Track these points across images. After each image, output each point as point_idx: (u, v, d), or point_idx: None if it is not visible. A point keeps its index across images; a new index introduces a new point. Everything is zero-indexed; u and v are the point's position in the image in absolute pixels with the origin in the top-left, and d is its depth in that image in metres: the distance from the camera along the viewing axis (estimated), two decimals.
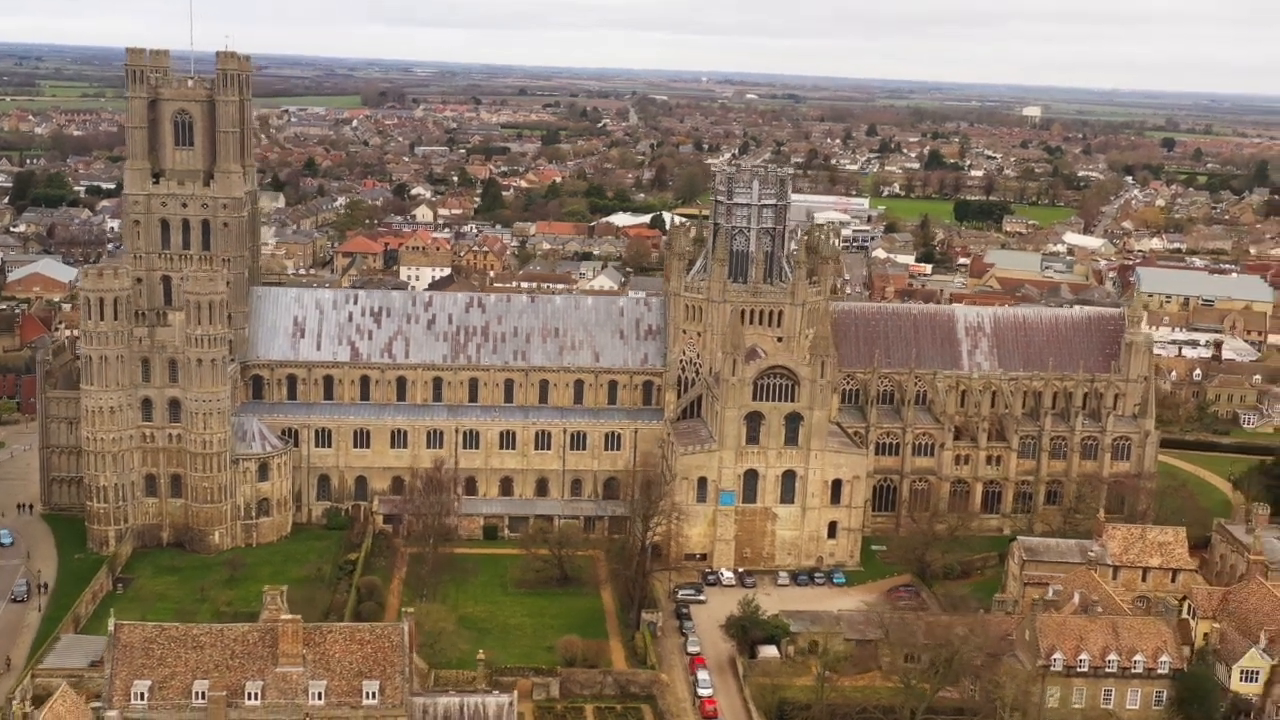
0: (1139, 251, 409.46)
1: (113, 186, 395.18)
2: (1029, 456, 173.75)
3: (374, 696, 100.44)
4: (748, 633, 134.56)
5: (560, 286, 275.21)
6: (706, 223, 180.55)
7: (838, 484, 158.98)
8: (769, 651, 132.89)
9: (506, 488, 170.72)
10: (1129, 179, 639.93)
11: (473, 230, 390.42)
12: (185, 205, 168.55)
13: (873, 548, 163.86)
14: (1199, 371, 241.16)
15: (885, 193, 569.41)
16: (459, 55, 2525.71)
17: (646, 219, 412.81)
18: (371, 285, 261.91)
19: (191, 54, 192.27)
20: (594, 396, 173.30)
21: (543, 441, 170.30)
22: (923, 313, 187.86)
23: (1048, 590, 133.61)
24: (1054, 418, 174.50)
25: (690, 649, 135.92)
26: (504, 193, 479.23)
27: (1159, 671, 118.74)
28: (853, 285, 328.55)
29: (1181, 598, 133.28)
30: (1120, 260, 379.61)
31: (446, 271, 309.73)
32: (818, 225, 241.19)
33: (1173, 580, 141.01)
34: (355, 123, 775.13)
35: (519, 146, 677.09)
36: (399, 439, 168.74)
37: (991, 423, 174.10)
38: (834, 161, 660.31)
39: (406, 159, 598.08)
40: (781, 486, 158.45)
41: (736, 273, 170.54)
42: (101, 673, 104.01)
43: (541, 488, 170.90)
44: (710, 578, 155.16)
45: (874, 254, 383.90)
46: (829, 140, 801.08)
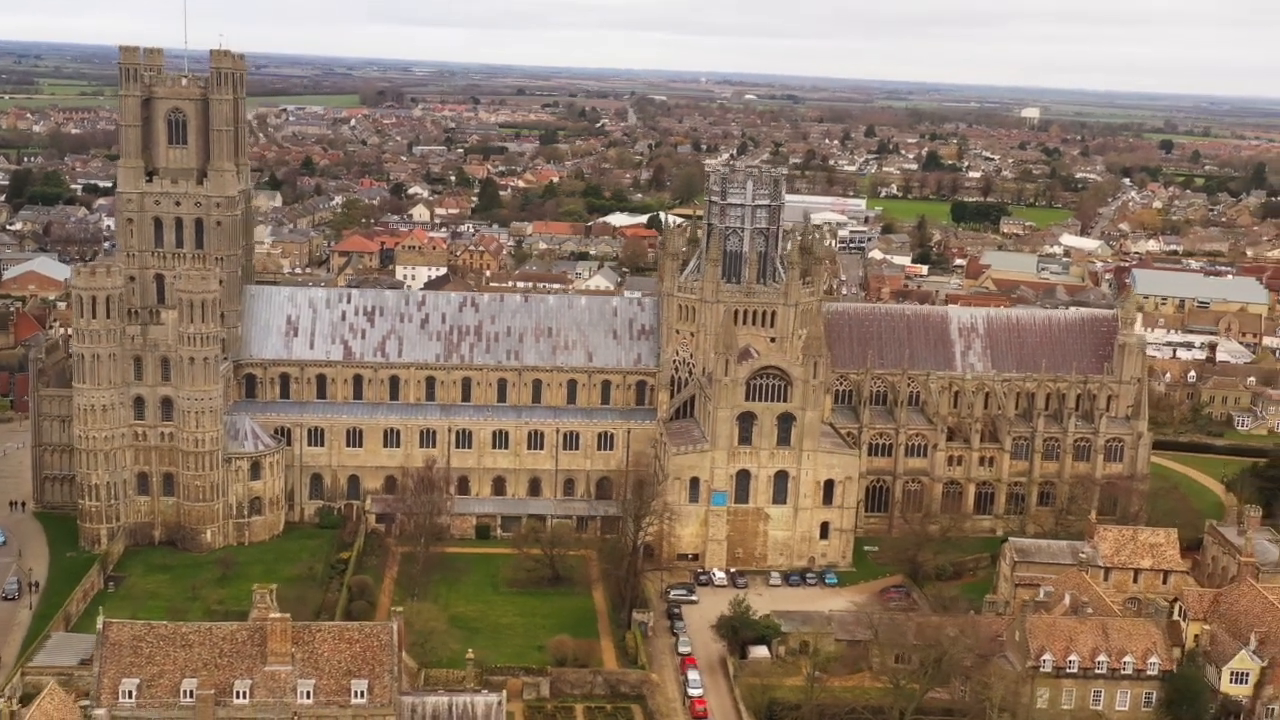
0: (1135, 253, 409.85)
1: (109, 185, 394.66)
2: (1022, 458, 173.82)
3: (362, 696, 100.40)
4: (738, 633, 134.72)
5: (556, 286, 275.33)
6: (701, 223, 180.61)
7: (830, 484, 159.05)
8: (760, 652, 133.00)
9: (499, 487, 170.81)
10: (1127, 181, 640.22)
11: (469, 230, 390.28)
12: (178, 203, 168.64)
13: (865, 548, 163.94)
14: (1193, 373, 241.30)
15: (883, 194, 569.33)
16: (458, 55, 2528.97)
17: (644, 219, 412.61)
18: (367, 284, 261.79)
19: (186, 53, 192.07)
20: (587, 396, 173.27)
21: (535, 441, 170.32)
22: (916, 313, 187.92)
23: (1039, 591, 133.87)
24: (1047, 419, 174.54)
25: (681, 649, 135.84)
26: (501, 192, 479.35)
27: (1148, 673, 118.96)
28: (849, 286, 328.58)
29: (1172, 599, 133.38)
30: (1116, 262, 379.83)
31: (442, 271, 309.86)
32: (815, 226, 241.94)
33: (1164, 582, 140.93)
34: (353, 122, 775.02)
35: (517, 146, 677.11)
36: (392, 438, 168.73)
37: (984, 424, 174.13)
38: (832, 162, 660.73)
39: (404, 158, 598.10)
40: (774, 487, 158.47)
41: (730, 273, 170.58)
42: (91, 671, 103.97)
43: (534, 487, 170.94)
44: (702, 578, 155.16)
45: (870, 255, 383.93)
46: (827, 141, 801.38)
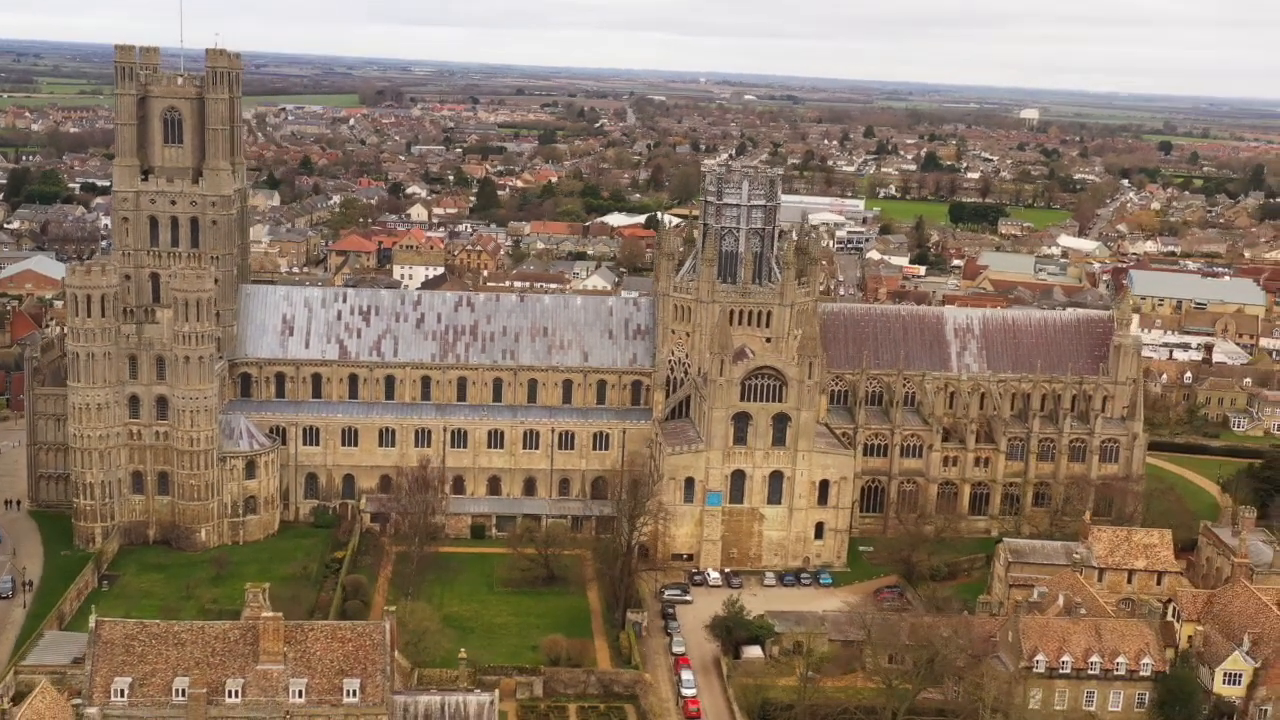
0: (1133, 254, 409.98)
1: (107, 184, 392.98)
2: (1017, 458, 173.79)
3: (355, 695, 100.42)
4: (732, 633, 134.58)
5: (553, 286, 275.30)
6: (697, 223, 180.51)
7: (825, 485, 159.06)
8: (753, 652, 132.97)
9: (494, 487, 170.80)
10: (1125, 182, 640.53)
11: (467, 229, 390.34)
12: (174, 202, 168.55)
13: (860, 549, 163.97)
14: (1189, 374, 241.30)
15: (881, 194, 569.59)
16: (458, 55, 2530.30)
17: (641, 219, 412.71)
18: (364, 284, 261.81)
19: (183, 52, 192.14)
20: (582, 396, 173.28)
21: (531, 441, 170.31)
22: (912, 314, 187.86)
23: (1033, 592, 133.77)
24: (1042, 420, 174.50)
25: (675, 649, 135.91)
26: (499, 192, 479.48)
27: (1141, 674, 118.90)
28: (846, 286, 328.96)
29: (1166, 600, 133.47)
30: (1114, 263, 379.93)
31: (440, 270, 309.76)
32: (812, 226, 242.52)
33: (1158, 583, 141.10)
34: (352, 121, 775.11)
35: (516, 146, 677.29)
36: (387, 437, 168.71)
37: (980, 424, 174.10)
38: (830, 163, 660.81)
39: (403, 158, 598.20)
40: (769, 487, 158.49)
41: (725, 273, 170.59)
42: (84, 669, 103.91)
43: (529, 487, 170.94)
44: (697, 578, 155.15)
45: (868, 255, 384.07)
46: (826, 142, 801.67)
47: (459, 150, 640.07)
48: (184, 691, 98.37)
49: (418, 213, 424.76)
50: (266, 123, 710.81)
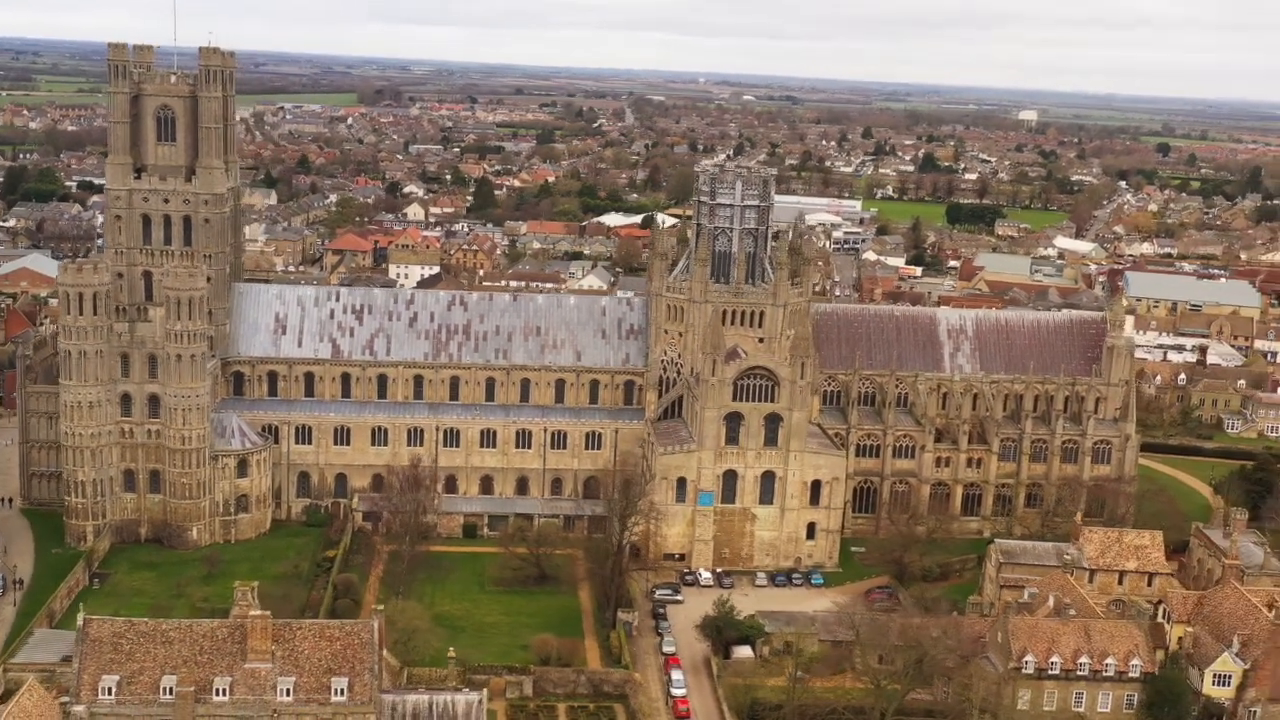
0: (1129, 256, 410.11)
1: (104, 182, 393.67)
2: (1009, 459, 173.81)
3: (342, 693, 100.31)
4: (722, 633, 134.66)
5: (549, 286, 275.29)
6: (691, 223, 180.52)
7: (817, 485, 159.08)
8: (743, 652, 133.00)
9: (487, 486, 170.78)
10: (1123, 184, 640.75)
11: (463, 229, 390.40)
12: (167, 201, 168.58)
13: (852, 549, 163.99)
14: (1183, 376, 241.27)
15: (879, 195, 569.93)
16: (457, 54, 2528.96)
17: (638, 219, 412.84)
18: (359, 283, 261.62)
19: (178, 50, 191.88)
20: (575, 396, 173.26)
21: (523, 440, 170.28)
22: (905, 315, 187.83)
23: (1023, 593, 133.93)
24: (1035, 421, 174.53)
25: (665, 649, 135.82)
26: (496, 192, 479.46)
27: (1130, 675, 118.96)
28: (842, 287, 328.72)
29: (1157, 601, 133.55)
30: (1110, 264, 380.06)
31: (435, 270, 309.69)
32: (809, 227, 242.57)
33: (1149, 584, 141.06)
34: (350, 120, 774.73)
35: (514, 146, 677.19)
36: (379, 436, 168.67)
37: (972, 425, 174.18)
38: (828, 163, 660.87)
39: (400, 157, 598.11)
40: (761, 487, 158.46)
41: (719, 273, 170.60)
42: (72, 667, 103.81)
43: (522, 486, 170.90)
44: (688, 578, 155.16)
45: (864, 256, 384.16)
46: (824, 142, 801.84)
47: (457, 150, 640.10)
48: (172, 690, 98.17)
49: (414, 212, 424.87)
50: (264, 121, 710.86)
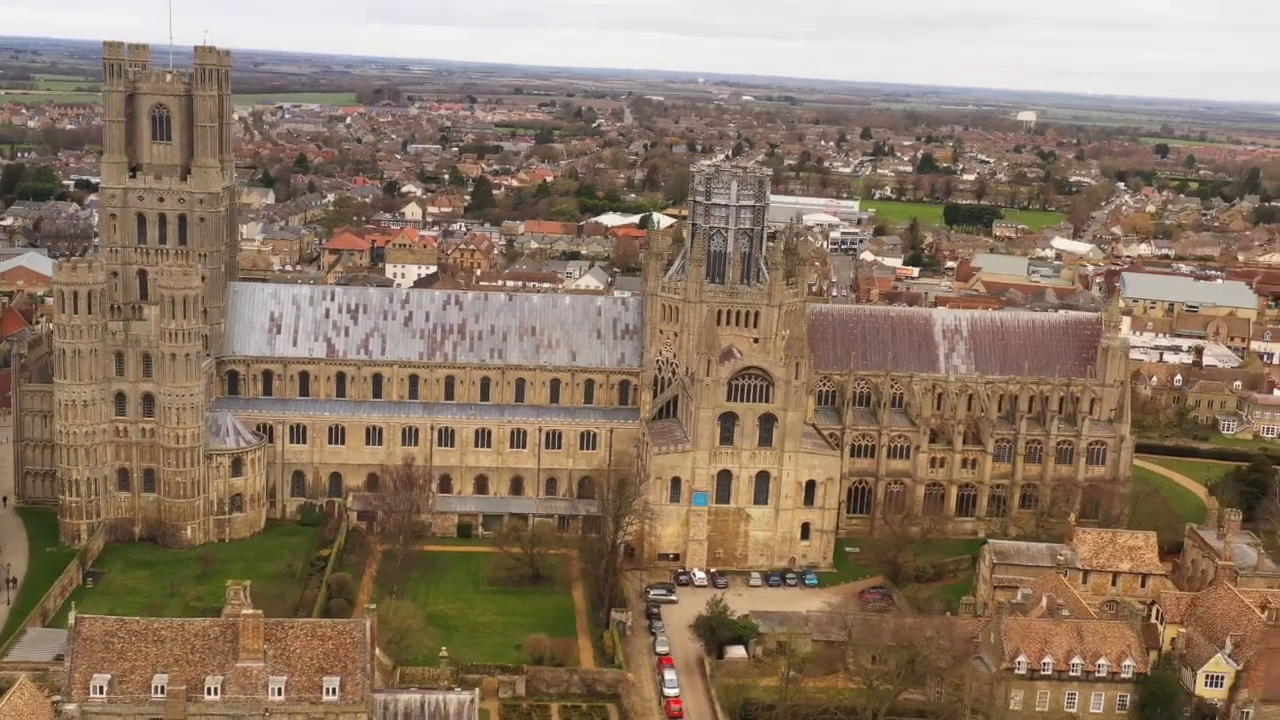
0: (1127, 257, 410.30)
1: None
2: (1004, 460, 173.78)
3: (334, 693, 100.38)
4: (716, 633, 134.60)
5: (546, 286, 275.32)
6: (686, 223, 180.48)
7: (811, 485, 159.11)
8: (737, 652, 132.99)
9: (481, 486, 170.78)
10: (1121, 185, 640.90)
11: (461, 228, 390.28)
12: (162, 199, 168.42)
13: (846, 549, 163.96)
14: (1179, 377, 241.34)
15: (877, 195, 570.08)
16: (457, 54, 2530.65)
17: (636, 219, 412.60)
18: (356, 282, 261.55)
19: (173, 49, 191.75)
20: (570, 395, 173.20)
21: (518, 440, 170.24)
22: (900, 315, 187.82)
23: (1017, 594, 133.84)
24: (1030, 421, 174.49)
25: (659, 649, 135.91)
26: (495, 191, 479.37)
27: (1123, 675, 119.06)
28: (840, 287, 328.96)
29: (1150, 602, 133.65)
30: (1107, 265, 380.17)
31: (433, 269, 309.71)
32: (805, 227, 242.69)
33: (1142, 585, 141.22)
34: (349, 120, 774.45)
35: (512, 145, 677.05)
36: (374, 436, 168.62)
37: (967, 426, 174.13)
38: (827, 164, 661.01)
39: (399, 156, 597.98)
40: (755, 487, 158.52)
41: (714, 273, 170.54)
42: (64, 666, 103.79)
43: (516, 486, 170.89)
44: (682, 578, 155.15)
45: (862, 256, 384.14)
46: (823, 143, 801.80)
47: (455, 149, 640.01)
48: (163, 688, 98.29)
49: (412, 211, 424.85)
50: (263, 120, 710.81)
